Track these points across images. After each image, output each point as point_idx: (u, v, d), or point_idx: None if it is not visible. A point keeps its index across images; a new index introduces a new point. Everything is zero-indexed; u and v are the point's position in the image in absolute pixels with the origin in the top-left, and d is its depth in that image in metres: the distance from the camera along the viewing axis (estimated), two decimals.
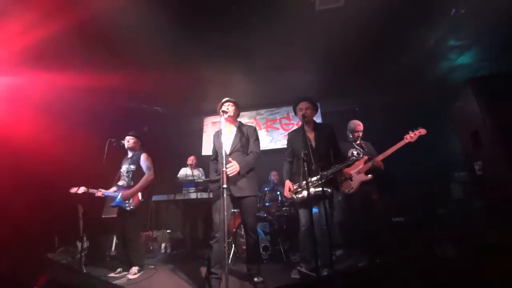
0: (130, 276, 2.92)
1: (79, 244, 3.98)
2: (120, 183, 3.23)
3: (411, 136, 2.82)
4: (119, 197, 3.10)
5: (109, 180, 3.37)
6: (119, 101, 5.05)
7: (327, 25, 3.29)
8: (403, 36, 3.63)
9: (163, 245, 4.52)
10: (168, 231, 4.71)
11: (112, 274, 2.99)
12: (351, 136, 3.25)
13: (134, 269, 3.00)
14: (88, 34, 3.28)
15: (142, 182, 3.13)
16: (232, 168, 2.26)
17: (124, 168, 3.28)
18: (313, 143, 2.59)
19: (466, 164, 2.19)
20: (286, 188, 2.63)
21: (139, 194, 3.14)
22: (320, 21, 3.26)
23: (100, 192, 3.13)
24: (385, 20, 3.20)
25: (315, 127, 2.70)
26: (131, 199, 3.09)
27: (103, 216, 4.31)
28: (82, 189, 3.12)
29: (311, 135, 2.64)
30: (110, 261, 3.96)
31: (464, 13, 3.13)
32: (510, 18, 3.10)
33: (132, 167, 3.24)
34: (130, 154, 3.37)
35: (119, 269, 3.07)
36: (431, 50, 3.93)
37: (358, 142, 3.20)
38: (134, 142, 3.37)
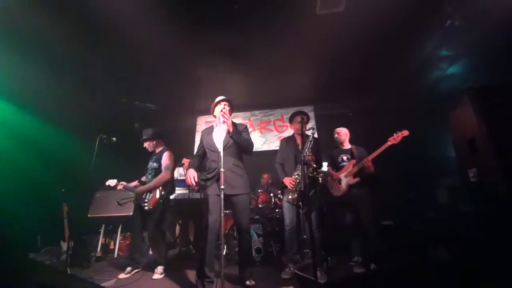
0: (156, 276, 2.82)
1: (63, 244, 3.82)
2: (143, 179, 3.20)
3: (394, 139, 2.85)
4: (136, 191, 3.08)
5: (98, 176, 3.22)
6: (111, 97, 4.90)
7: (326, 29, 3.31)
8: (400, 44, 3.70)
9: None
10: None
11: (122, 275, 2.87)
12: (336, 142, 3.31)
13: (160, 268, 2.89)
14: (82, 30, 3.18)
15: (155, 181, 3.03)
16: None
17: (149, 165, 3.24)
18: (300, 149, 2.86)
19: (460, 170, 2.25)
20: (288, 183, 2.80)
21: (157, 194, 3.01)
22: (319, 25, 3.26)
23: (121, 185, 3.10)
24: (383, 27, 3.25)
25: (303, 136, 2.78)
26: (149, 198, 3.00)
27: (89, 215, 4.16)
28: (112, 182, 3.13)
29: (299, 142, 2.90)
30: (95, 262, 3.83)
31: (458, 25, 3.23)
32: (501, 32, 3.22)
33: (155, 164, 3.17)
34: (156, 151, 3.32)
35: (128, 268, 2.95)
36: (425, 59, 4.04)
37: (349, 147, 3.18)
38: (149, 145, 3.31)
